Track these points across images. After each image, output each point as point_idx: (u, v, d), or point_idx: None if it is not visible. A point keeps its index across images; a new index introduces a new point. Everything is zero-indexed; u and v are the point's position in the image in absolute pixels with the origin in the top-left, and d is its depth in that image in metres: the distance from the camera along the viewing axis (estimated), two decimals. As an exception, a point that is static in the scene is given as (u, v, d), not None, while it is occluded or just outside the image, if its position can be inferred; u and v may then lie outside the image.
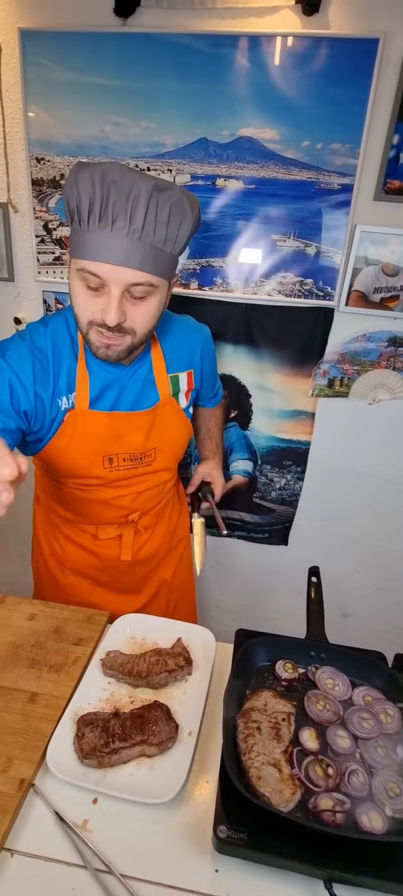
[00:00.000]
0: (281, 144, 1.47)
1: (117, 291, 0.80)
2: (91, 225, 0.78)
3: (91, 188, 0.76)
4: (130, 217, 0.76)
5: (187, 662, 0.93)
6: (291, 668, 0.91)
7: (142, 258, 0.79)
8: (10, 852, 0.67)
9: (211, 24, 1.39)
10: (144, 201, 0.76)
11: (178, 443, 1.12)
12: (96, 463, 1.00)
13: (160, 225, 0.78)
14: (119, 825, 0.71)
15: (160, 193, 0.77)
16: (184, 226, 0.81)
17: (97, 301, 0.83)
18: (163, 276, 0.84)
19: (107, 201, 0.76)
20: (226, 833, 0.67)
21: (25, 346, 0.90)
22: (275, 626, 2.07)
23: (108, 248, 0.77)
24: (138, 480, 1.07)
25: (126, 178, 0.76)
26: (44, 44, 1.46)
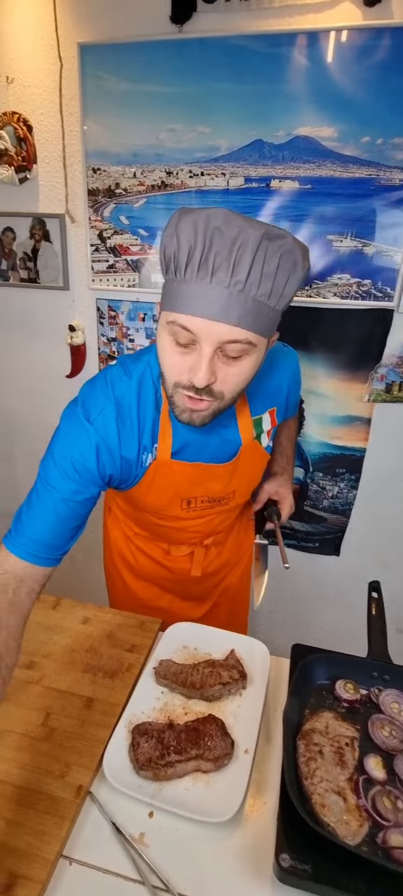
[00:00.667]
0: (338, 142, 1.42)
1: (209, 350, 0.71)
2: (188, 275, 0.70)
3: (193, 236, 0.68)
4: (233, 268, 0.68)
5: (241, 676, 0.90)
6: (352, 689, 0.86)
7: (241, 313, 0.70)
8: (68, 860, 0.67)
9: (268, 24, 1.37)
10: (251, 251, 0.67)
11: (257, 479, 1.08)
12: (174, 505, 0.98)
13: (266, 277, 0.69)
14: (175, 841, 0.69)
15: (270, 242, 0.68)
16: (292, 279, 0.72)
17: (186, 359, 0.74)
18: (262, 333, 0.74)
19: (209, 250, 0.67)
20: (289, 863, 0.63)
21: (110, 407, 0.84)
22: (326, 639, 1.99)
23: (204, 301, 0.69)
24: (213, 517, 1.05)
25: (232, 224, 0.67)
26: (101, 56, 1.50)
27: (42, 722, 0.82)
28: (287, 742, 0.75)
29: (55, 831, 0.67)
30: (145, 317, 1.75)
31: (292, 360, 1.07)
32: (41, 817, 0.69)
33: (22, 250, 1.78)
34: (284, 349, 1.07)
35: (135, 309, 1.75)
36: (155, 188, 1.60)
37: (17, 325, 1.93)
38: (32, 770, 0.75)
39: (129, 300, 1.75)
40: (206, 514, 1.03)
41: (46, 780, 0.73)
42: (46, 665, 0.93)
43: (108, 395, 0.85)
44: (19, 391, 2.03)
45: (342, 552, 1.88)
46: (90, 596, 1.19)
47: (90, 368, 1.90)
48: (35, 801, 0.71)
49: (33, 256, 1.77)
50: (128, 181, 1.61)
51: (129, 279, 1.72)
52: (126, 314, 1.77)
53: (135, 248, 1.68)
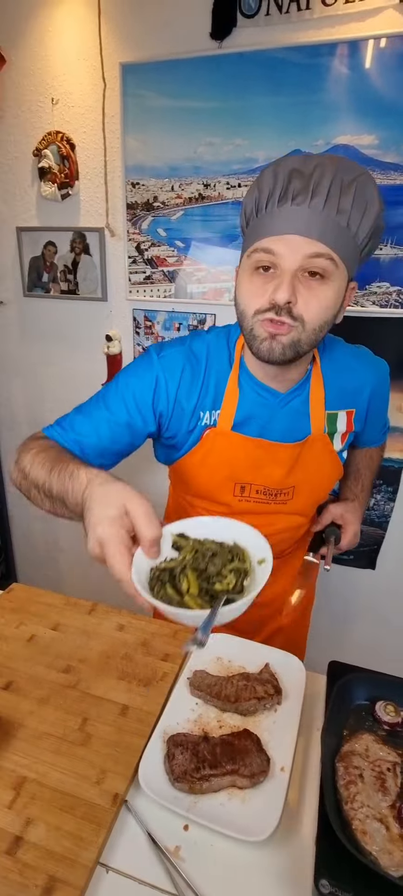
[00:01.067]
0: (379, 149, 1.40)
1: (291, 265, 0.72)
2: (269, 208, 0.73)
3: (272, 180, 0.73)
4: (313, 191, 0.71)
5: (276, 691, 0.89)
6: (393, 712, 0.83)
7: (322, 229, 0.71)
8: (105, 868, 0.67)
9: (308, 36, 1.37)
10: (329, 175, 0.71)
11: (322, 486, 1.00)
12: (226, 488, 0.94)
13: (344, 200, 0.71)
14: (211, 857, 0.68)
15: (345, 171, 0.72)
16: (369, 212, 0.73)
17: (267, 285, 0.75)
18: (344, 256, 0.74)
19: (288, 184, 0.72)
20: (330, 889, 0.61)
21: (182, 350, 0.87)
22: (361, 654, 1.92)
23: (286, 221, 0.71)
24: (268, 520, 0.97)
25: (309, 160, 0.73)
26: (142, 75, 1.54)
27: (79, 727, 0.83)
28: (325, 763, 0.73)
29: (93, 838, 0.67)
30: (180, 326, 1.77)
31: (379, 366, 1.00)
32: (79, 823, 0.69)
33: (62, 263, 1.84)
34: (375, 358, 1.02)
35: (171, 319, 1.77)
36: (192, 200, 1.62)
37: (57, 336, 1.99)
38: (70, 774, 0.75)
39: (165, 310, 1.77)
40: (260, 511, 0.96)
41: (83, 785, 0.74)
42: (83, 670, 0.94)
43: (184, 342, 0.89)
44: (57, 400, 2.09)
45: (378, 566, 1.82)
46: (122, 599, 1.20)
47: (125, 378, 1.93)
48: (73, 805, 0.71)
49: (73, 269, 1.83)
50: (165, 194, 1.64)
51: (165, 290, 1.74)
52: (161, 324, 1.79)
53: (171, 259, 1.70)
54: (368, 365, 0.98)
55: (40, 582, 2.21)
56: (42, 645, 0.99)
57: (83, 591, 1.17)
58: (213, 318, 1.72)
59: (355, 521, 1.06)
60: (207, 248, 1.65)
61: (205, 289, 1.69)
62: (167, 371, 0.85)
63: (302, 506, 0.98)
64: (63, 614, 1.09)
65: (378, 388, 0.99)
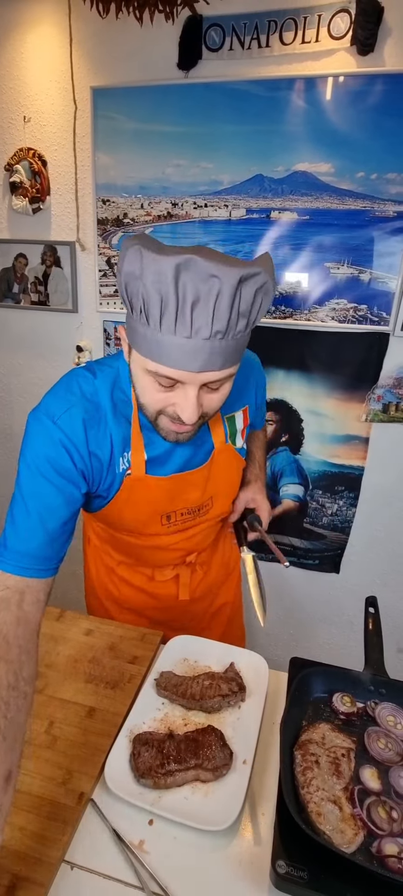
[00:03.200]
0: (335, 177, 1.49)
1: (194, 391, 0.71)
2: (164, 328, 0.66)
3: (162, 287, 0.63)
4: (212, 320, 0.65)
5: (240, 688, 0.92)
6: (349, 702, 0.87)
7: (224, 357, 0.70)
8: (69, 865, 0.68)
9: (268, 70, 1.46)
10: (229, 298, 0.65)
11: (234, 486, 1.06)
12: (153, 521, 0.96)
13: (243, 316, 0.69)
14: (174, 849, 0.70)
15: (245, 283, 0.66)
16: (264, 305, 0.72)
17: (169, 396, 0.74)
18: (240, 360, 0.75)
19: (183, 304, 0.64)
20: (286, 869, 0.64)
21: (77, 406, 0.81)
22: (326, 656, 1.98)
23: (188, 355, 0.67)
24: (194, 532, 1.04)
25: (205, 275, 0.63)
26: (112, 99, 1.60)
27: (45, 730, 0.84)
28: (283, 752, 0.76)
29: (57, 836, 0.68)
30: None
31: (256, 360, 1.09)
32: (44, 822, 0.70)
33: (33, 275, 1.85)
34: (249, 352, 1.07)
35: (141, 332, 1.81)
36: (161, 218, 1.67)
37: (27, 346, 1.99)
38: (35, 777, 0.76)
39: (135, 324, 1.81)
40: (187, 528, 1.00)
41: (49, 786, 0.75)
42: (50, 675, 0.95)
43: (74, 393, 0.82)
44: (25, 411, 2.05)
45: (342, 570, 1.89)
46: (93, 610, 1.21)
47: (96, 389, 1.94)
48: (38, 806, 0.72)
49: (44, 281, 1.85)
50: (135, 211, 1.69)
51: (135, 304, 1.78)
52: (131, 337, 1.83)
53: (141, 274, 1.74)
54: (248, 362, 1.03)
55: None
56: (9, 652, 0.99)
57: (52, 602, 1.17)
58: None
59: (264, 499, 1.11)
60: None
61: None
62: (70, 433, 0.79)
63: (221, 508, 1.05)
64: (30, 622, 1.09)
65: (259, 377, 1.07)
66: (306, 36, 1.41)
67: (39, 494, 0.77)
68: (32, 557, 0.76)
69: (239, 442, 1.02)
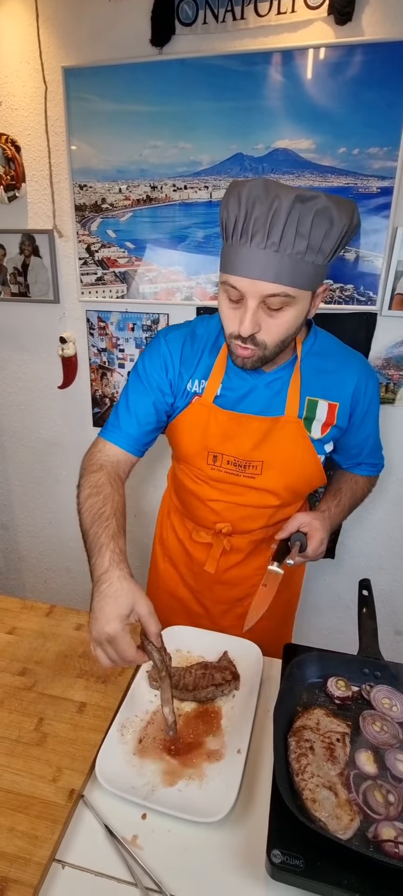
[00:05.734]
0: (316, 153, 1.46)
1: (253, 303, 0.82)
2: (234, 241, 0.80)
3: (237, 206, 0.78)
4: (268, 232, 0.77)
5: (234, 677, 0.91)
6: (344, 686, 0.87)
7: (277, 271, 0.79)
8: (61, 864, 0.67)
9: (244, 44, 1.42)
10: (284, 214, 0.76)
11: (293, 469, 1.01)
12: (201, 456, 1.04)
13: (300, 236, 0.77)
14: (169, 843, 0.69)
15: (302, 205, 0.76)
16: (330, 234, 0.79)
17: (237, 313, 0.86)
18: (302, 286, 0.82)
19: (249, 217, 0.78)
20: (281, 858, 0.64)
21: (184, 331, 1.04)
22: (323, 641, 1.99)
23: (246, 263, 0.79)
24: (238, 491, 1.04)
25: (269, 192, 0.77)
26: (85, 79, 1.54)
27: (35, 727, 0.82)
28: (277, 739, 0.75)
29: (47, 835, 0.67)
30: (134, 326, 1.78)
31: (366, 366, 1.03)
32: (33, 822, 0.69)
33: (12, 266, 1.81)
34: (363, 363, 1.03)
35: (125, 319, 1.78)
36: (140, 202, 1.63)
37: (9, 340, 1.95)
38: (24, 775, 0.75)
39: (118, 311, 1.77)
40: (231, 481, 1.03)
41: (38, 784, 0.73)
42: (39, 671, 0.94)
43: (189, 325, 1.05)
44: (12, 405, 2.05)
45: (337, 555, 1.88)
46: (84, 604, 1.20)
47: (81, 379, 1.91)
48: (27, 805, 0.71)
49: (23, 271, 1.80)
50: (113, 196, 1.64)
51: (118, 291, 1.74)
52: (115, 325, 1.79)
53: (122, 260, 1.71)
54: (353, 362, 1.01)
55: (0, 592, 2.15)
56: (-3, 651, 0.97)
57: (46, 600, 1.16)
58: (166, 317, 1.74)
59: (321, 529, 1.01)
60: (158, 250, 1.67)
61: (157, 289, 1.70)
62: (171, 348, 1.01)
63: (271, 484, 1.01)
64: (19, 618, 1.07)
65: (362, 387, 1.00)
66: (282, 6, 1.36)
67: (140, 397, 1.02)
68: (130, 440, 1.01)
69: (315, 432, 1.00)
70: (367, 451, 1.12)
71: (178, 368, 1.01)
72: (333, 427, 1.01)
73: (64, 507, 2.13)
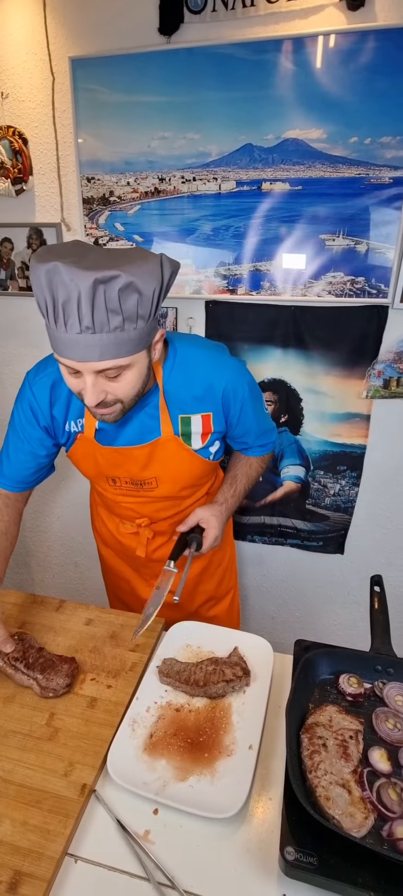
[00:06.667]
0: (327, 143, 1.44)
1: (90, 378, 0.81)
2: (51, 324, 0.78)
3: (41, 290, 0.75)
4: (79, 317, 0.75)
5: (245, 673, 0.90)
6: (356, 683, 0.86)
7: (101, 350, 0.78)
8: (73, 858, 0.67)
9: (254, 32, 1.39)
10: (88, 299, 0.73)
11: (183, 477, 1.08)
12: (101, 479, 1.09)
13: (113, 313, 0.76)
14: (180, 838, 0.69)
15: (104, 285, 0.73)
16: (142, 302, 0.78)
17: (78, 381, 0.84)
18: (132, 352, 0.81)
19: (57, 303, 0.75)
20: (295, 855, 0.63)
21: (50, 373, 1.00)
22: (333, 638, 1.98)
23: (69, 346, 0.78)
24: (143, 501, 1.11)
25: (67, 278, 0.72)
26: (92, 70, 1.53)
27: (46, 722, 0.82)
28: (289, 736, 0.75)
29: (60, 829, 0.67)
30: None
31: (231, 368, 1.03)
32: (46, 816, 0.69)
33: (20, 260, 1.80)
34: (229, 361, 1.05)
35: (132, 315, 1.76)
36: (148, 195, 1.62)
37: (17, 335, 1.94)
38: (37, 769, 0.75)
39: (126, 307, 1.76)
40: (133, 495, 1.10)
41: (50, 779, 0.74)
42: (50, 668, 0.93)
43: (54, 363, 0.99)
44: (19, 401, 2.04)
45: (346, 550, 1.87)
46: (93, 599, 1.20)
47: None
48: (40, 800, 0.71)
49: (31, 267, 1.79)
50: (121, 189, 1.63)
51: (126, 286, 1.73)
52: (123, 321, 1.78)
53: (130, 254, 1.69)
54: (217, 371, 1.01)
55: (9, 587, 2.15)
56: (7, 646, 0.97)
57: (54, 595, 1.17)
58: (175, 311, 1.73)
59: (216, 525, 1.09)
60: (166, 243, 1.65)
61: (166, 283, 1.69)
62: (39, 397, 1.00)
63: (169, 491, 1.09)
64: (29, 612, 1.08)
65: (231, 390, 1.01)
66: (293, -8, 1.34)
67: (19, 447, 1.05)
68: (13, 480, 1.07)
69: (196, 443, 1.05)
70: (253, 439, 1.14)
71: (49, 413, 1.01)
72: (212, 434, 1.05)
73: (71, 503, 2.13)
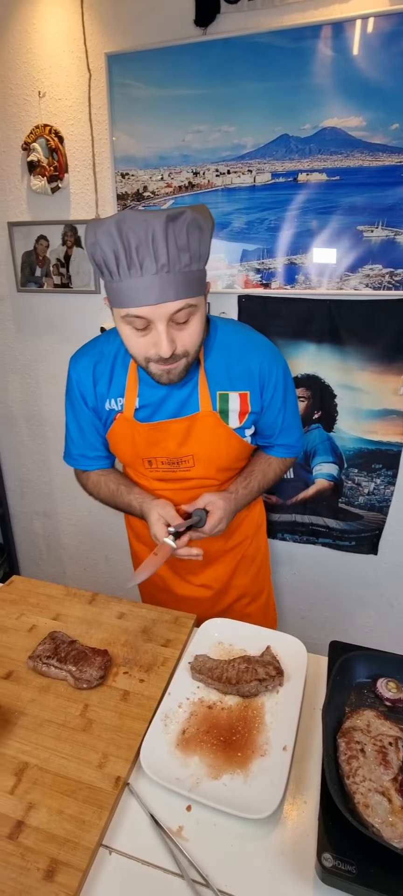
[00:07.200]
0: (367, 131, 1.39)
1: (163, 326, 0.85)
2: (122, 275, 0.82)
3: (112, 241, 0.80)
4: (155, 256, 0.80)
5: (278, 672, 0.89)
6: (395, 688, 0.83)
7: (176, 288, 0.83)
8: (108, 850, 0.67)
9: (292, 19, 1.36)
10: (162, 236, 0.79)
11: (220, 454, 1.08)
12: (137, 462, 1.11)
13: (182, 251, 0.82)
14: (214, 837, 0.69)
15: (173, 222, 0.79)
16: (203, 240, 0.85)
17: (147, 339, 0.88)
18: (198, 293, 0.88)
19: (129, 248, 0.80)
20: (332, 863, 0.61)
21: (91, 353, 1.07)
22: (365, 640, 1.92)
23: (145, 291, 0.82)
24: (180, 485, 1.12)
25: (139, 220, 0.79)
26: (128, 65, 1.53)
27: (80, 713, 0.83)
28: (326, 740, 0.73)
29: (95, 820, 0.68)
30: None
31: (268, 350, 1.06)
32: (81, 806, 0.69)
33: (55, 257, 1.83)
34: (263, 339, 1.08)
35: (164, 310, 1.77)
36: (182, 189, 1.61)
37: (52, 331, 1.98)
38: (72, 759, 0.76)
39: (158, 302, 1.76)
40: (170, 478, 1.11)
41: (85, 769, 0.74)
42: (83, 658, 0.94)
43: (95, 346, 1.08)
44: (54, 396, 2.09)
45: (380, 551, 1.82)
46: (124, 593, 1.21)
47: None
48: (75, 790, 0.71)
49: (66, 262, 1.82)
50: (155, 184, 1.63)
51: (158, 281, 1.74)
52: (155, 316, 1.79)
53: (163, 250, 1.69)
54: (256, 349, 1.05)
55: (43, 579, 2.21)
56: (43, 635, 0.99)
57: (86, 588, 1.18)
58: (207, 306, 1.71)
59: (222, 509, 1.05)
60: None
61: (198, 278, 1.68)
62: (83, 378, 1.06)
63: (205, 472, 1.10)
64: (63, 605, 1.09)
65: (267, 372, 1.04)
66: (333, -26, 1.30)
67: (78, 424, 1.13)
68: (81, 458, 1.16)
69: (234, 422, 1.06)
70: (279, 432, 1.13)
71: (93, 392, 1.07)
72: (249, 414, 1.07)
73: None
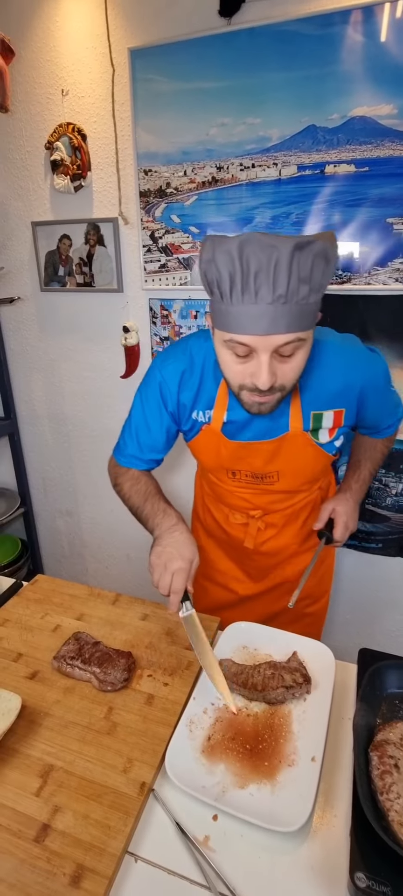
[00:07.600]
0: (398, 119, 1.34)
1: (266, 357, 0.80)
2: (234, 300, 0.77)
3: (230, 262, 0.75)
4: (273, 285, 0.74)
5: (305, 680, 0.86)
6: (429, 700, 0.79)
7: (288, 321, 0.77)
8: (133, 857, 0.66)
9: (320, 5, 1.32)
10: (286, 265, 0.73)
11: (305, 471, 1.08)
12: (221, 471, 1.11)
13: (303, 282, 0.76)
14: (241, 848, 0.67)
15: (301, 252, 0.74)
16: (327, 271, 0.78)
17: (246, 367, 0.83)
18: (310, 327, 0.82)
19: (248, 275, 0.75)
20: (366, 882, 0.59)
21: (182, 358, 1.02)
22: (391, 646, 1.88)
23: (255, 320, 0.77)
24: (262, 493, 1.11)
25: (264, 246, 0.73)
26: (151, 59, 1.52)
27: (105, 716, 0.83)
28: (358, 753, 0.70)
29: (120, 826, 0.67)
30: (197, 314, 1.75)
31: (370, 365, 1.01)
32: (106, 811, 0.68)
33: (78, 256, 1.84)
34: (366, 354, 1.02)
35: (187, 307, 1.75)
36: (205, 184, 1.59)
37: (74, 329, 1.99)
38: (96, 763, 0.75)
39: (181, 298, 1.75)
40: (252, 487, 1.10)
41: (110, 774, 0.73)
42: (107, 660, 0.94)
43: (186, 350, 1.02)
44: (76, 394, 2.10)
45: (407, 554, 1.76)
46: (145, 591, 1.20)
47: (144, 369, 1.91)
48: (100, 794, 0.71)
49: (88, 261, 1.82)
50: (178, 180, 1.61)
51: (181, 277, 1.72)
52: (178, 312, 1.77)
53: (186, 245, 1.68)
54: (356, 367, 0.99)
55: (66, 577, 2.23)
56: (67, 635, 0.99)
57: (107, 586, 1.18)
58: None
59: (344, 514, 1.11)
60: (223, 233, 1.62)
61: (221, 275, 1.66)
62: (169, 382, 1.02)
63: (289, 486, 1.10)
64: (87, 605, 1.09)
65: (369, 385, 1.01)
66: None
67: (147, 425, 1.07)
68: (140, 461, 1.10)
69: (324, 437, 1.04)
70: (383, 423, 1.13)
71: (176, 398, 1.03)
72: (341, 428, 1.04)
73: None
